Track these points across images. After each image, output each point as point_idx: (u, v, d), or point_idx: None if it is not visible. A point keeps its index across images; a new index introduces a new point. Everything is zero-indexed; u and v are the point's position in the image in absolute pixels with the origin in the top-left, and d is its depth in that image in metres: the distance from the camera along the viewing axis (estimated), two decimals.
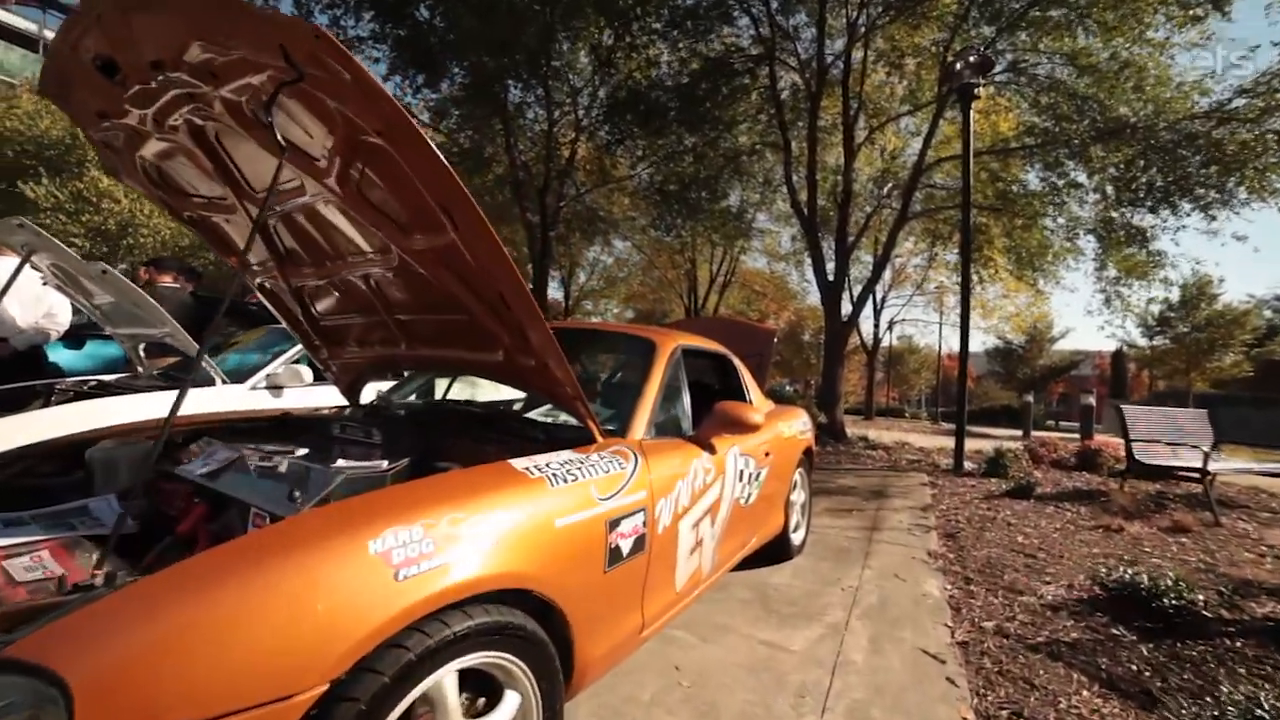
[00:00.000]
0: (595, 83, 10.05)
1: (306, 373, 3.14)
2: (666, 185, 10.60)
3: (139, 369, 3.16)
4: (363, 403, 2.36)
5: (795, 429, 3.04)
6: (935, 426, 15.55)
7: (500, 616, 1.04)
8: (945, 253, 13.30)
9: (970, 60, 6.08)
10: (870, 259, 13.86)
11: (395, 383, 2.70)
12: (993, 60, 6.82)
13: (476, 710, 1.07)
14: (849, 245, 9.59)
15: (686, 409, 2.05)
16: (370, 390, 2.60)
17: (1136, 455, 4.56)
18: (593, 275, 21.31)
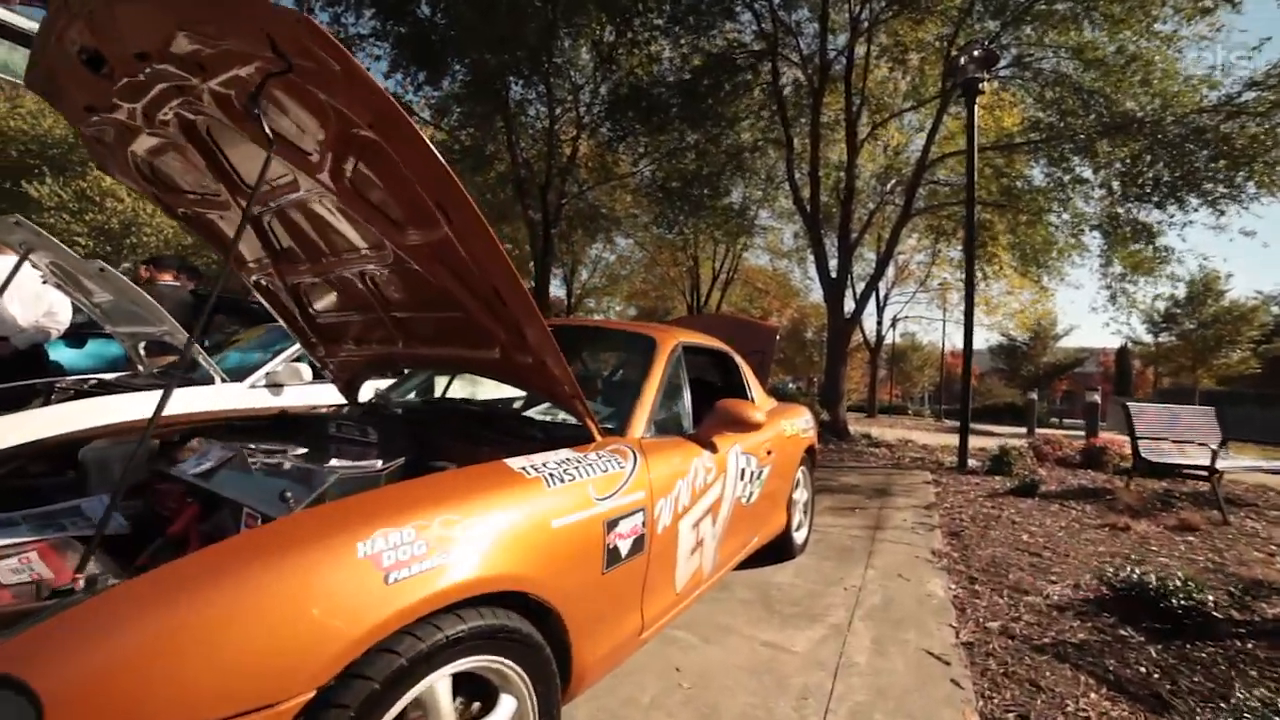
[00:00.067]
0: (597, 79, 10.02)
1: (306, 371, 3.13)
2: (668, 182, 10.57)
3: (139, 367, 3.16)
4: (361, 401, 2.34)
5: (798, 427, 3.01)
6: (938, 424, 15.47)
7: (495, 620, 1.02)
8: (949, 249, 13.22)
9: (975, 55, 6.02)
10: (873, 256, 13.83)
11: (394, 381, 2.68)
12: (997, 55, 6.76)
13: (471, 715, 1.06)
14: (852, 242, 9.54)
15: (687, 407, 2.03)
16: (369, 388, 2.58)
17: (1143, 453, 4.52)
18: (595, 273, 21.31)
